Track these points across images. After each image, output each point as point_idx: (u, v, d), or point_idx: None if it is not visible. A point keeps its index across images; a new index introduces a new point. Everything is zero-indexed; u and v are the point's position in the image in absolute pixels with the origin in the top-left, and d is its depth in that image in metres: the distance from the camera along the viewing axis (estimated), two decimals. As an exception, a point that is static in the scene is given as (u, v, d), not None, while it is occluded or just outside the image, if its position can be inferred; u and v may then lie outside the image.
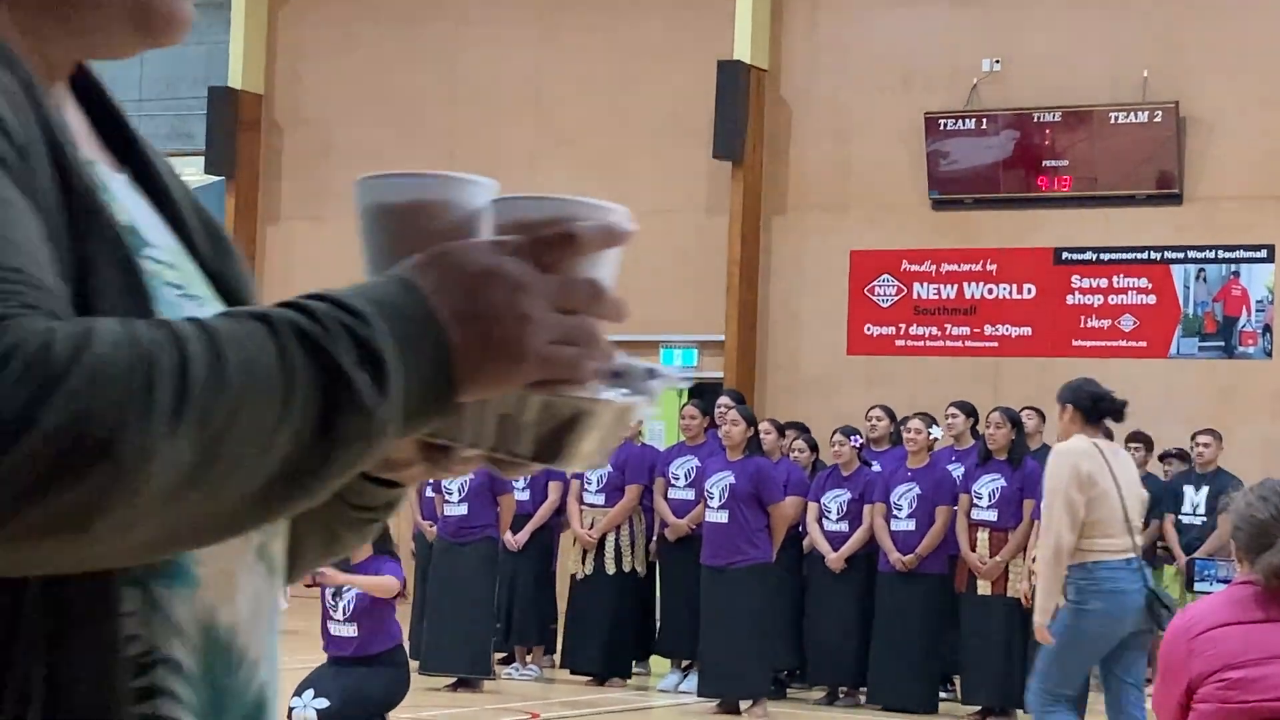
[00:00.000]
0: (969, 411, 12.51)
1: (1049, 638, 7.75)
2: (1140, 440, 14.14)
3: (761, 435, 12.14)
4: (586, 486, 12.79)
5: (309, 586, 9.72)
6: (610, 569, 12.62)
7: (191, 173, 22.30)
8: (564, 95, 20.18)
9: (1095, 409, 8.02)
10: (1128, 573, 7.75)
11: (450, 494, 12.16)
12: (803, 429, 13.45)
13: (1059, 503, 7.71)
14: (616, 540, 12.66)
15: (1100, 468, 7.76)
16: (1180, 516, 13.55)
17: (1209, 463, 13.68)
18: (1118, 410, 8.20)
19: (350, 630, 9.45)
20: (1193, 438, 13.97)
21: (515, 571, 13.01)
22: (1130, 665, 7.88)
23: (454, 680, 12.04)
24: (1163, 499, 13.63)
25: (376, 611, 9.44)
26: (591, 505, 12.75)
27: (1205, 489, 13.51)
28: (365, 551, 9.55)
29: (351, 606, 9.40)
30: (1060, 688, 7.79)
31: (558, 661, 13.02)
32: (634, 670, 13.02)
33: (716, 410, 12.33)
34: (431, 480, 12.92)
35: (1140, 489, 8.10)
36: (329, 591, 9.48)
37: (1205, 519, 13.42)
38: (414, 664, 12.50)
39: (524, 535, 12.91)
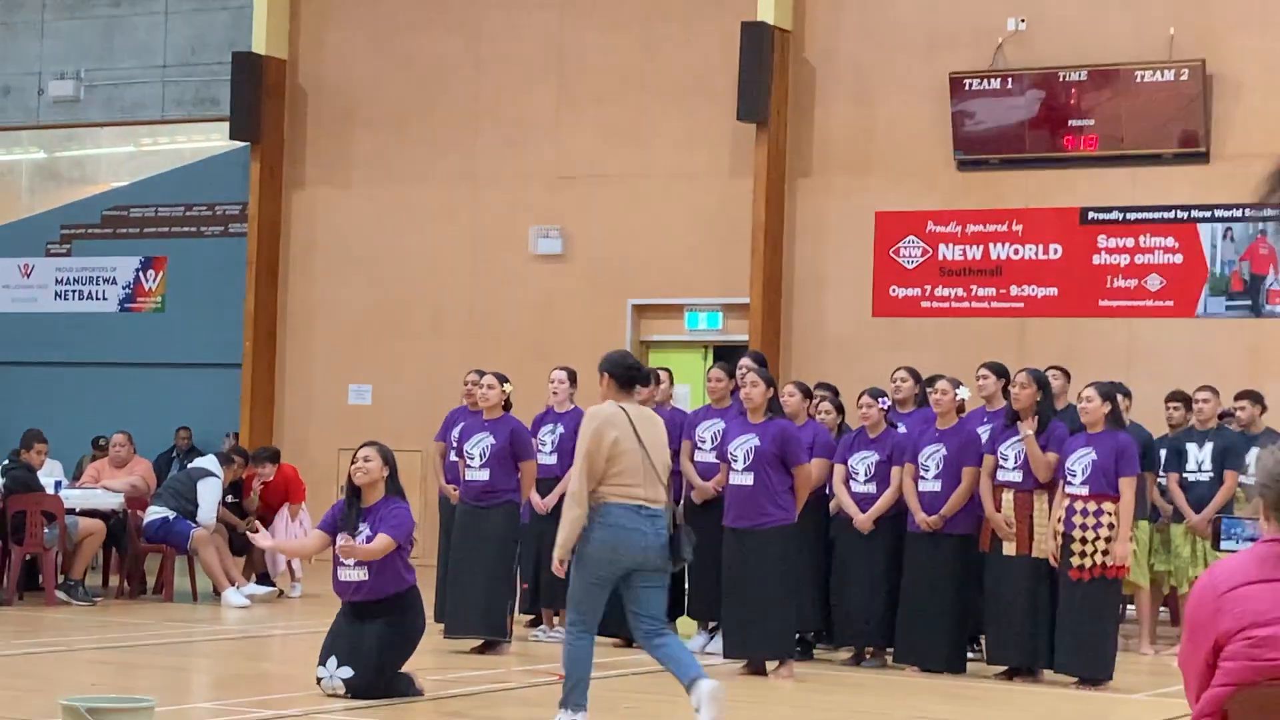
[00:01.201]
0: (1000, 372, 12.46)
1: (561, 570, 8.79)
2: (1180, 400, 14.00)
3: (786, 398, 12.12)
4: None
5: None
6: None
7: (216, 138, 22.33)
8: (587, 59, 20.15)
9: (628, 378, 8.93)
10: (634, 515, 8.68)
11: (472, 459, 12.18)
12: (831, 390, 13.42)
13: (580, 457, 8.71)
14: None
15: (625, 429, 8.70)
16: (1184, 474, 13.48)
17: (1209, 419, 13.61)
18: (645, 379, 9.28)
19: (360, 574, 9.53)
20: (1192, 394, 13.86)
21: (543, 535, 13.03)
22: (646, 603, 8.77)
23: (480, 643, 12.08)
24: (1168, 458, 13.54)
25: (385, 557, 9.51)
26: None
27: (1208, 445, 13.46)
28: (378, 493, 9.65)
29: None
30: (582, 615, 8.73)
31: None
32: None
33: (737, 372, 12.30)
34: (455, 444, 12.88)
35: (665, 450, 9.00)
36: (339, 540, 9.57)
37: (1211, 475, 13.36)
38: (439, 627, 12.59)
39: (552, 498, 12.92)
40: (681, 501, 12.69)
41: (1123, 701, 10.96)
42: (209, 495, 15.27)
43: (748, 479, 11.27)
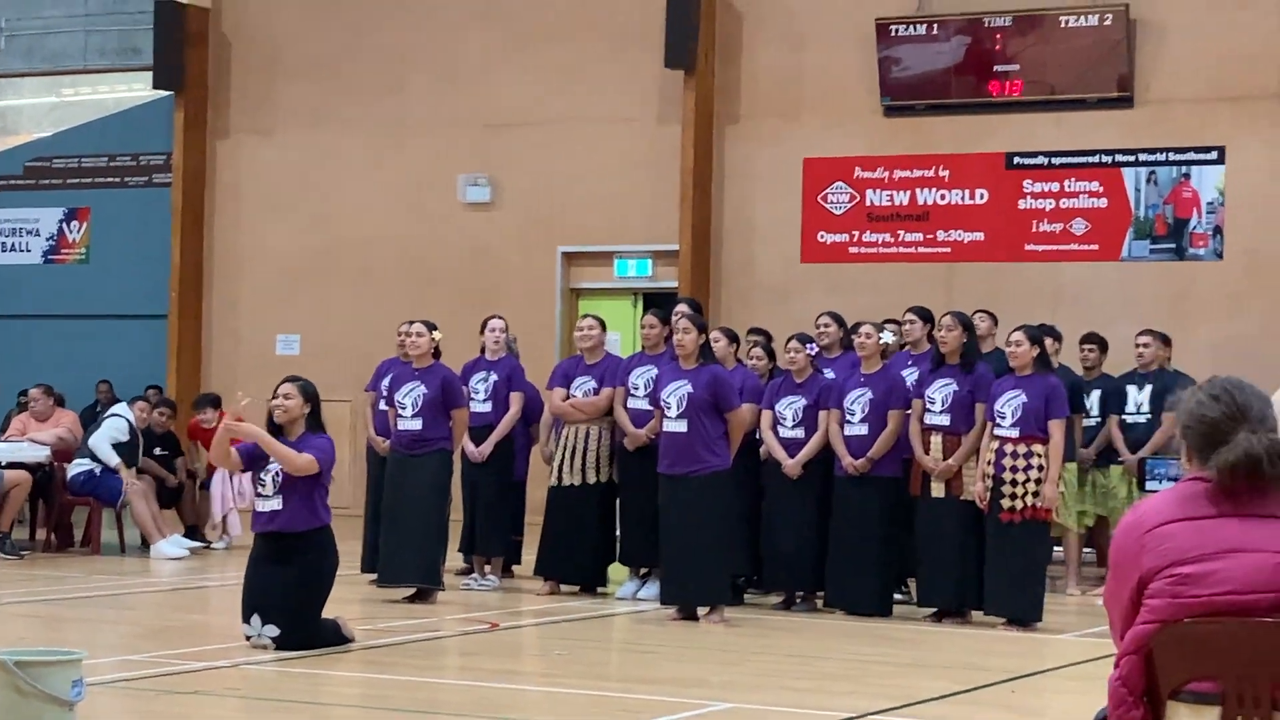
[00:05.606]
0: (926, 316, 12.54)
1: None
2: (1094, 342, 14.21)
3: (713, 343, 12.13)
4: (573, 396, 12.71)
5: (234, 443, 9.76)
6: (590, 479, 12.59)
7: (140, 87, 22.12)
8: (515, 5, 20.05)
9: None
10: None
11: (404, 408, 12.14)
12: (763, 335, 13.44)
13: None
14: (598, 450, 12.62)
15: None
16: (1124, 416, 13.65)
17: (1150, 362, 13.78)
18: None
19: (275, 504, 9.52)
20: (1135, 338, 14.02)
21: (477, 483, 13.03)
22: None
23: (411, 592, 12.08)
24: (1108, 399, 13.70)
25: (302, 488, 9.48)
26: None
27: (1148, 388, 13.62)
28: (298, 429, 9.64)
29: (279, 480, 9.49)
30: None
31: (532, 570, 13.02)
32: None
33: (672, 319, 12.29)
34: (385, 394, 12.86)
35: None
36: (260, 471, 9.60)
37: (1149, 418, 13.52)
38: (370, 577, 12.57)
39: (487, 447, 12.92)
40: (615, 449, 12.71)
41: (1050, 641, 11.07)
42: (103, 433, 15.19)
43: (681, 426, 11.29)
